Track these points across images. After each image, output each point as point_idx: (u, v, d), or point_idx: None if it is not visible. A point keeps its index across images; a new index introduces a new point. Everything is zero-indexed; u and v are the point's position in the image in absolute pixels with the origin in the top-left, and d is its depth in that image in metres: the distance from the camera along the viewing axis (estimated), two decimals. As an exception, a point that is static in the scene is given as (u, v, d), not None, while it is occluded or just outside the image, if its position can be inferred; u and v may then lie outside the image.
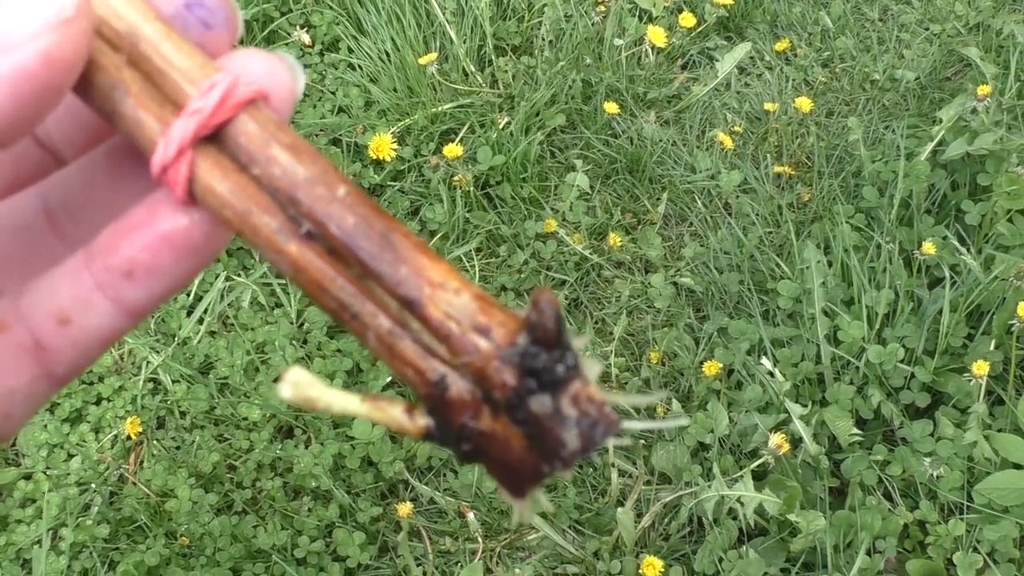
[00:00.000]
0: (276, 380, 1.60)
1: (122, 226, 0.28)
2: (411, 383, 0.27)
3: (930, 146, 1.84)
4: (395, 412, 0.28)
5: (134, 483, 1.56)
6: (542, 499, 0.28)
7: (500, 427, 0.27)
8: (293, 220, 0.27)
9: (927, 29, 2.35)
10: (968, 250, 1.68)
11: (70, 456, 1.60)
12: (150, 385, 1.69)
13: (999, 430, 1.50)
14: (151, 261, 0.27)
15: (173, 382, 1.67)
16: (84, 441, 1.62)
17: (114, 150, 0.31)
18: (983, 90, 1.80)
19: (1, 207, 0.30)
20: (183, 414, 1.65)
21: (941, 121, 1.86)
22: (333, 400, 0.27)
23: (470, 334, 0.26)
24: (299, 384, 0.27)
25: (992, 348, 1.55)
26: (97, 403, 1.67)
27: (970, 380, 1.48)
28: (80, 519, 1.51)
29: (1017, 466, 1.44)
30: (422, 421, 0.27)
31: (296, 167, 0.27)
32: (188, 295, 1.77)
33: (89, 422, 1.64)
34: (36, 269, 0.29)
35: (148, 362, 1.69)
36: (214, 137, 0.27)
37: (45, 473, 1.58)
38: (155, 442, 1.61)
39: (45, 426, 1.62)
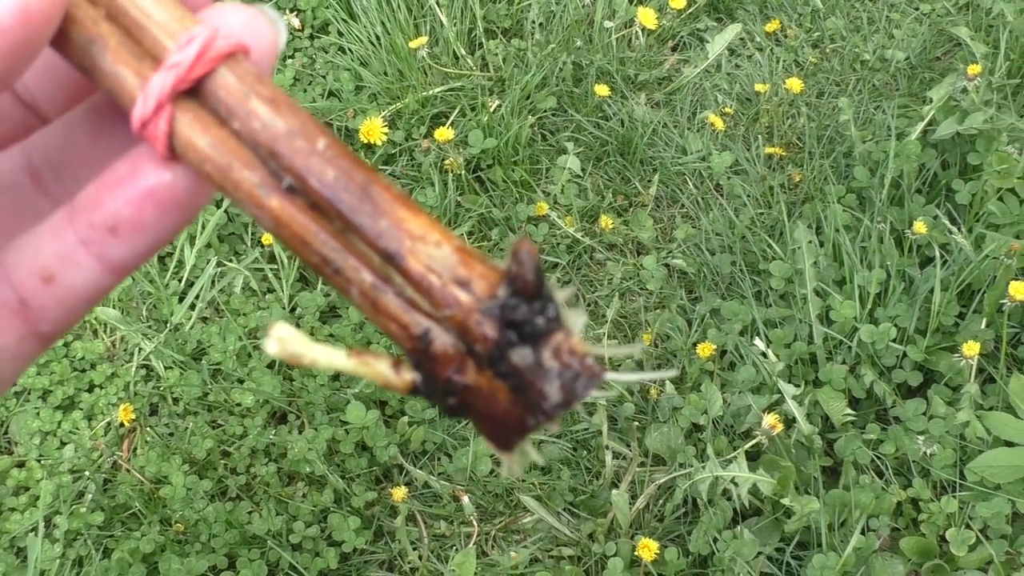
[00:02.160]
0: (263, 337, 1.60)
1: (106, 181, 0.28)
2: (395, 337, 0.27)
3: (920, 126, 1.84)
4: (381, 367, 0.27)
5: (128, 470, 1.56)
6: (531, 451, 0.28)
7: (485, 381, 0.27)
8: (274, 174, 0.27)
9: (917, 9, 2.35)
10: (959, 229, 1.69)
11: (63, 444, 1.60)
12: (142, 372, 1.68)
13: (990, 408, 1.51)
14: (135, 216, 0.27)
15: (166, 368, 1.67)
16: (77, 428, 1.61)
17: (97, 107, 0.30)
18: (973, 69, 1.80)
19: None
20: (176, 400, 1.65)
21: (931, 101, 1.86)
22: (319, 356, 0.27)
23: (451, 287, 0.26)
24: (285, 340, 0.27)
25: (983, 326, 1.56)
26: (90, 390, 1.66)
27: (961, 360, 1.49)
28: (74, 507, 1.51)
29: (1009, 444, 1.45)
30: (408, 376, 0.27)
31: (276, 120, 0.27)
32: (180, 281, 1.77)
33: (82, 409, 1.63)
34: (22, 227, 0.29)
35: (140, 348, 1.69)
36: (194, 91, 0.27)
37: (38, 461, 1.57)
38: (148, 429, 1.60)
39: (38, 414, 1.61)
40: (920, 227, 1.65)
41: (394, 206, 0.27)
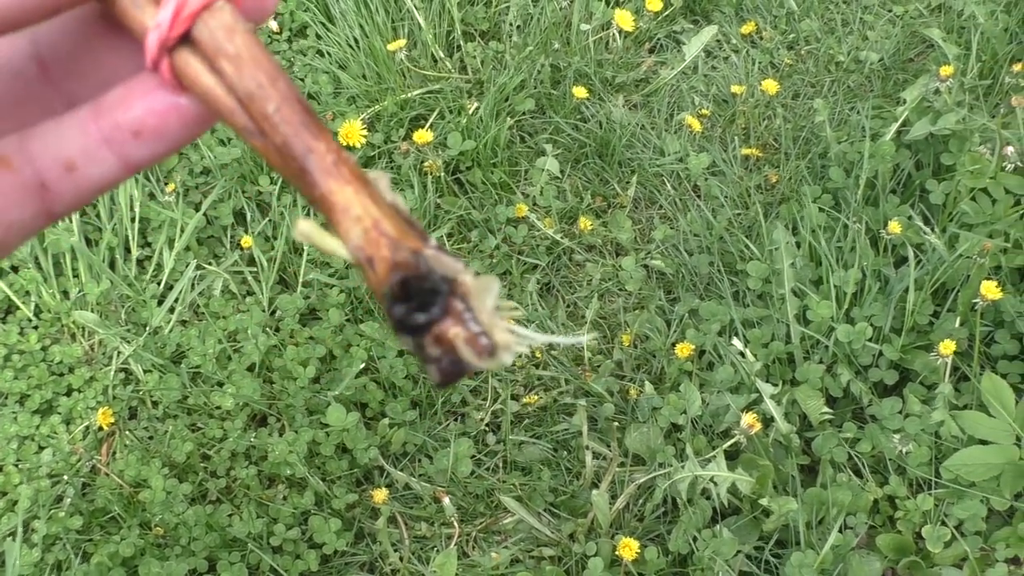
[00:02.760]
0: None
1: (134, 88, 0.30)
2: None
3: (894, 127, 1.86)
4: None
5: (107, 474, 1.55)
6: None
7: None
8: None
9: (890, 11, 2.37)
10: (932, 229, 1.71)
11: (41, 448, 1.59)
12: (121, 375, 1.68)
13: (965, 406, 1.53)
14: (159, 124, 0.30)
15: (145, 372, 1.66)
16: (55, 433, 1.60)
17: (105, 10, 0.32)
18: (945, 71, 1.82)
19: None
20: (155, 404, 1.64)
21: (905, 102, 1.89)
22: (331, 246, 0.30)
23: (363, 262, 0.29)
24: (308, 233, 0.30)
25: (957, 325, 1.58)
26: (68, 394, 1.65)
27: (936, 359, 1.51)
28: (53, 511, 1.50)
29: (983, 442, 1.47)
30: None
31: (238, 80, 0.29)
32: (158, 284, 1.76)
33: (60, 413, 1.62)
34: (31, 115, 0.32)
35: (119, 352, 1.68)
36: (191, 36, 0.29)
37: (16, 466, 1.56)
38: (127, 432, 1.60)
39: (15, 418, 1.60)
40: (895, 227, 1.67)
41: (325, 178, 0.29)
